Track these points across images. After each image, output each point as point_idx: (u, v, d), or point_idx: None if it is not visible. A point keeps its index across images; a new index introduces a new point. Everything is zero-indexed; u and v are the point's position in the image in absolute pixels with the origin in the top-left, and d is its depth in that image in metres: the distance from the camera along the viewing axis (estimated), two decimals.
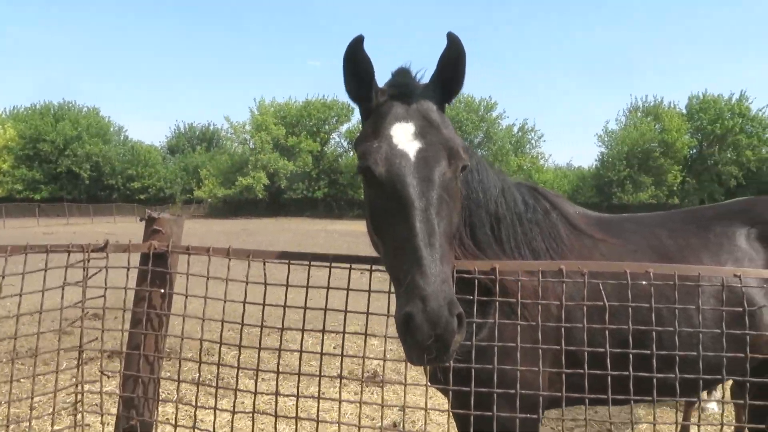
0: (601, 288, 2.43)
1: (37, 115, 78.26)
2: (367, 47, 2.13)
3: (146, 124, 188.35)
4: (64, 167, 75.28)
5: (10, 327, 7.78)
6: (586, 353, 2.35)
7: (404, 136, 2.12)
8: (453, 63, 2.17)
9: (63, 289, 2.64)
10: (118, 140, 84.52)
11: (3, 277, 2.56)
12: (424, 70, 2.32)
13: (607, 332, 2.36)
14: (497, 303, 2.48)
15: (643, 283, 2.42)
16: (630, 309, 2.39)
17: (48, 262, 2.66)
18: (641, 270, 2.40)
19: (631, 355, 2.33)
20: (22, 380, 5.89)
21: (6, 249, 2.56)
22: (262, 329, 2.61)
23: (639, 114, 68.60)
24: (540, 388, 2.38)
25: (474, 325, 2.42)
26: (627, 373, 2.32)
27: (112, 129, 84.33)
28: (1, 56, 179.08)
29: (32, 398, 2.66)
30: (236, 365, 2.62)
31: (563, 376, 2.38)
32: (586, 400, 2.36)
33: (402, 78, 2.30)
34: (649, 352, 2.37)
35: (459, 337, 1.83)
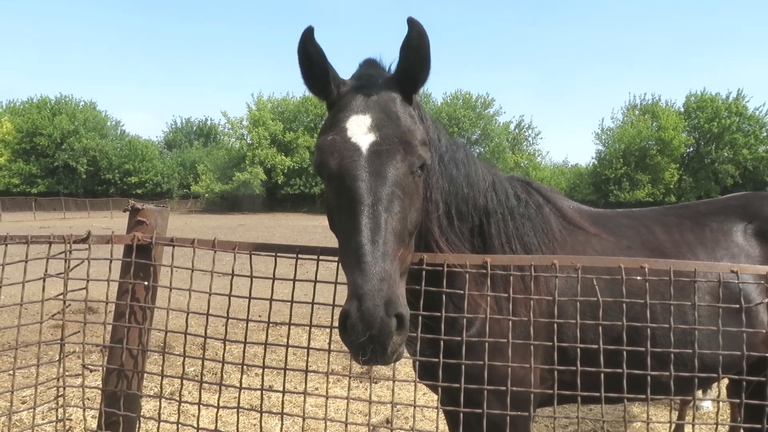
0: (595, 283, 2.38)
1: (34, 108, 77.91)
2: (367, 45, 2.07)
3: (143, 118, 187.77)
4: (61, 161, 75.00)
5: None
6: (578, 350, 2.30)
7: (359, 129, 2.04)
8: (415, 50, 2.06)
9: (44, 281, 2.58)
10: (115, 135, 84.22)
11: None
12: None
13: (600, 328, 2.31)
14: (488, 298, 2.43)
15: (638, 278, 2.37)
16: (624, 305, 2.33)
17: (30, 255, 2.60)
18: (636, 265, 2.35)
19: (624, 353, 2.27)
20: (7, 374, 5.83)
21: None
22: (247, 323, 2.55)
23: (636, 112, 68.56)
24: (531, 385, 2.32)
25: (464, 320, 2.38)
26: (620, 370, 2.27)
27: (109, 123, 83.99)
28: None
29: (12, 392, 2.60)
30: (221, 360, 2.55)
31: (555, 373, 2.33)
32: (579, 398, 2.31)
33: (366, 69, 2.23)
34: (643, 349, 2.33)
35: (399, 339, 1.77)
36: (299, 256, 2.55)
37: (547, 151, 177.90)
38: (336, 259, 2.54)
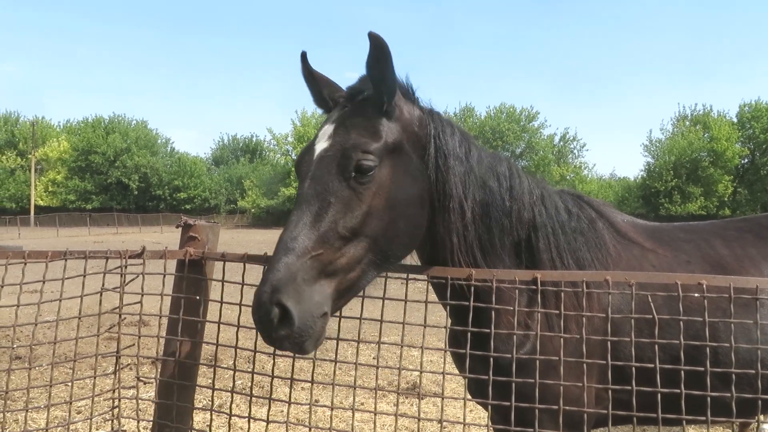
0: (650, 300, 2.31)
1: (89, 128, 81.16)
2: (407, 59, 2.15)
3: (192, 136, 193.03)
4: (114, 178, 77.72)
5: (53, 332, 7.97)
6: (633, 369, 2.22)
7: (321, 137, 2.22)
8: (376, 64, 2.12)
9: (101, 295, 2.66)
10: (165, 152, 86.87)
11: (44, 282, 2.59)
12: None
13: (656, 347, 2.23)
14: (538, 315, 2.38)
15: (695, 295, 2.28)
16: (681, 323, 2.25)
17: (87, 269, 2.69)
18: (693, 281, 2.27)
19: (682, 372, 2.19)
20: (67, 384, 6.02)
21: (47, 254, 2.59)
22: None
23: (687, 123, 66.70)
24: (585, 405, 2.26)
25: (515, 337, 2.34)
26: (678, 390, 2.18)
27: (159, 141, 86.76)
28: (55, 72, 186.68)
29: (70, 402, 2.68)
30: (271, 374, 2.57)
31: (609, 392, 2.26)
32: (634, 419, 2.23)
33: (358, 83, 2.32)
34: (702, 368, 2.24)
35: (283, 331, 1.91)
36: None
37: (594, 163, 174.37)
38: (383, 274, 2.55)
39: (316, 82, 2.40)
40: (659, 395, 2.18)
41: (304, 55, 2.34)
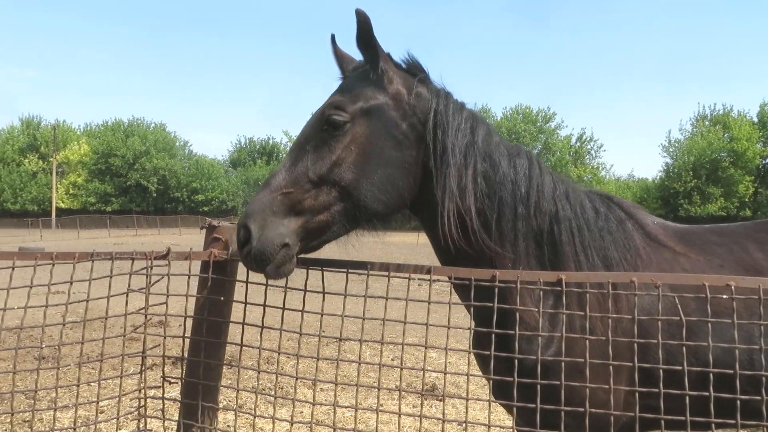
0: (677, 302, 2.28)
1: (109, 131, 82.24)
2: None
3: (210, 139, 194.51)
4: (133, 181, 78.63)
5: (79, 332, 8.07)
6: (661, 372, 2.20)
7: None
8: (361, 37, 2.40)
9: (127, 296, 2.69)
10: (183, 154, 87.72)
11: (71, 283, 2.63)
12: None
13: (684, 349, 2.21)
14: (564, 316, 2.37)
15: (724, 297, 2.25)
16: (710, 325, 2.22)
17: (113, 270, 2.72)
18: (721, 283, 2.24)
19: (711, 375, 2.16)
20: (91, 384, 6.09)
21: (74, 256, 2.62)
22: (320, 339, 2.58)
23: (707, 123, 65.87)
24: (612, 408, 2.24)
25: (539, 339, 2.33)
26: (707, 393, 2.15)
27: (177, 144, 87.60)
28: (75, 76, 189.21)
29: (98, 402, 2.71)
30: (295, 375, 2.59)
31: (636, 395, 2.24)
32: (662, 422, 2.21)
33: (361, 60, 2.60)
34: (731, 371, 2.20)
35: (245, 249, 2.27)
36: (370, 273, 2.56)
37: (611, 164, 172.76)
38: (407, 275, 2.55)
39: (342, 61, 2.67)
40: (687, 398, 2.16)
41: (333, 38, 2.68)
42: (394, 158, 2.40)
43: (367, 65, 2.46)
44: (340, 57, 2.68)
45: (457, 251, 2.47)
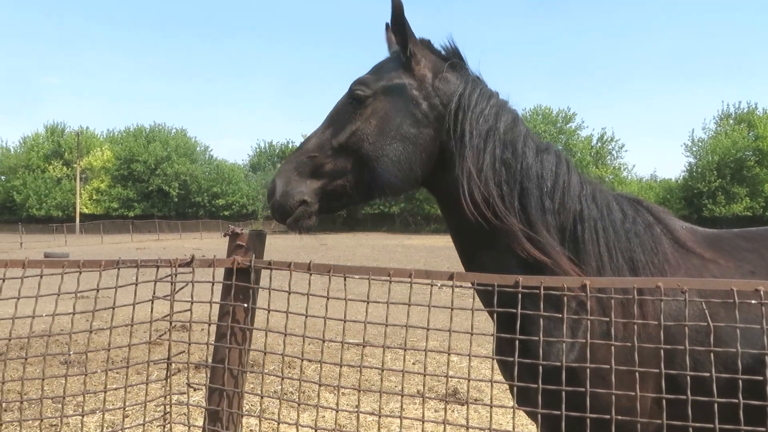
0: (704, 307, 2.25)
1: (131, 137, 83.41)
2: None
3: (230, 143, 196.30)
4: (155, 186, 79.61)
5: (105, 338, 8.21)
6: (688, 378, 2.17)
7: None
8: (394, 23, 2.56)
9: (152, 303, 2.72)
10: (204, 159, 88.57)
11: (98, 291, 2.67)
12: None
13: (712, 356, 2.17)
14: (587, 322, 2.35)
15: (752, 302, 2.21)
16: (738, 331, 2.18)
17: (138, 277, 2.76)
18: (750, 287, 2.20)
19: (740, 382, 2.12)
20: (117, 389, 6.19)
21: (100, 263, 2.66)
22: (342, 345, 2.58)
23: (731, 121, 64.80)
24: (638, 415, 2.21)
25: (563, 345, 2.31)
26: (735, 400, 2.12)
27: (198, 149, 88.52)
28: (97, 83, 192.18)
29: (124, 408, 2.75)
30: (318, 380, 2.59)
31: (663, 402, 2.21)
32: (690, 429, 2.18)
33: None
34: (761, 378, 2.16)
35: (270, 201, 2.62)
36: (392, 279, 2.56)
37: (633, 164, 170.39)
38: (428, 281, 2.55)
39: (390, 45, 2.83)
40: (715, 405, 2.13)
41: (387, 25, 2.82)
42: (411, 135, 2.55)
43: (400, 49, 2.60)
44: (390, 42, 2.84)
45: (474, 232, 2.57)
